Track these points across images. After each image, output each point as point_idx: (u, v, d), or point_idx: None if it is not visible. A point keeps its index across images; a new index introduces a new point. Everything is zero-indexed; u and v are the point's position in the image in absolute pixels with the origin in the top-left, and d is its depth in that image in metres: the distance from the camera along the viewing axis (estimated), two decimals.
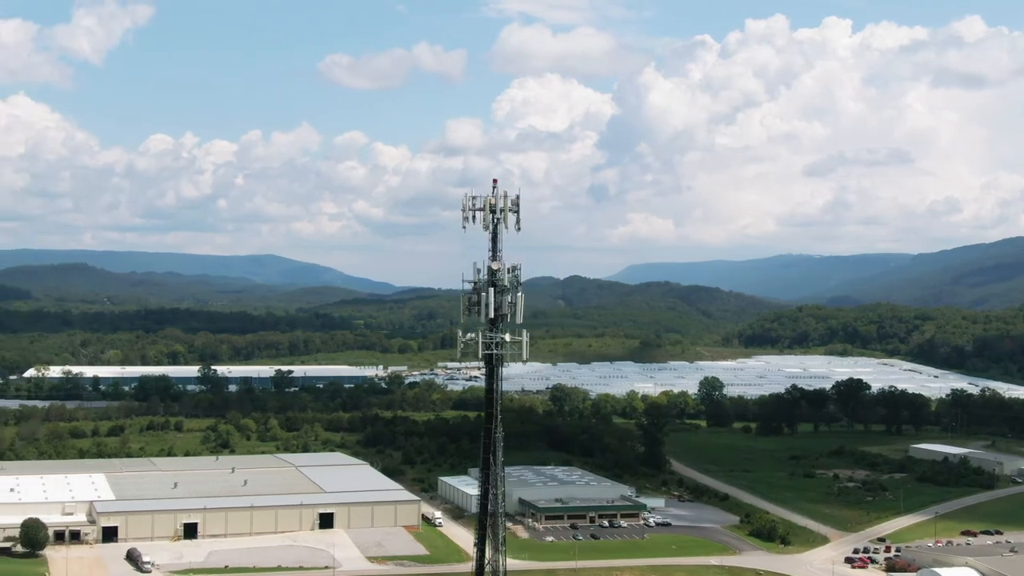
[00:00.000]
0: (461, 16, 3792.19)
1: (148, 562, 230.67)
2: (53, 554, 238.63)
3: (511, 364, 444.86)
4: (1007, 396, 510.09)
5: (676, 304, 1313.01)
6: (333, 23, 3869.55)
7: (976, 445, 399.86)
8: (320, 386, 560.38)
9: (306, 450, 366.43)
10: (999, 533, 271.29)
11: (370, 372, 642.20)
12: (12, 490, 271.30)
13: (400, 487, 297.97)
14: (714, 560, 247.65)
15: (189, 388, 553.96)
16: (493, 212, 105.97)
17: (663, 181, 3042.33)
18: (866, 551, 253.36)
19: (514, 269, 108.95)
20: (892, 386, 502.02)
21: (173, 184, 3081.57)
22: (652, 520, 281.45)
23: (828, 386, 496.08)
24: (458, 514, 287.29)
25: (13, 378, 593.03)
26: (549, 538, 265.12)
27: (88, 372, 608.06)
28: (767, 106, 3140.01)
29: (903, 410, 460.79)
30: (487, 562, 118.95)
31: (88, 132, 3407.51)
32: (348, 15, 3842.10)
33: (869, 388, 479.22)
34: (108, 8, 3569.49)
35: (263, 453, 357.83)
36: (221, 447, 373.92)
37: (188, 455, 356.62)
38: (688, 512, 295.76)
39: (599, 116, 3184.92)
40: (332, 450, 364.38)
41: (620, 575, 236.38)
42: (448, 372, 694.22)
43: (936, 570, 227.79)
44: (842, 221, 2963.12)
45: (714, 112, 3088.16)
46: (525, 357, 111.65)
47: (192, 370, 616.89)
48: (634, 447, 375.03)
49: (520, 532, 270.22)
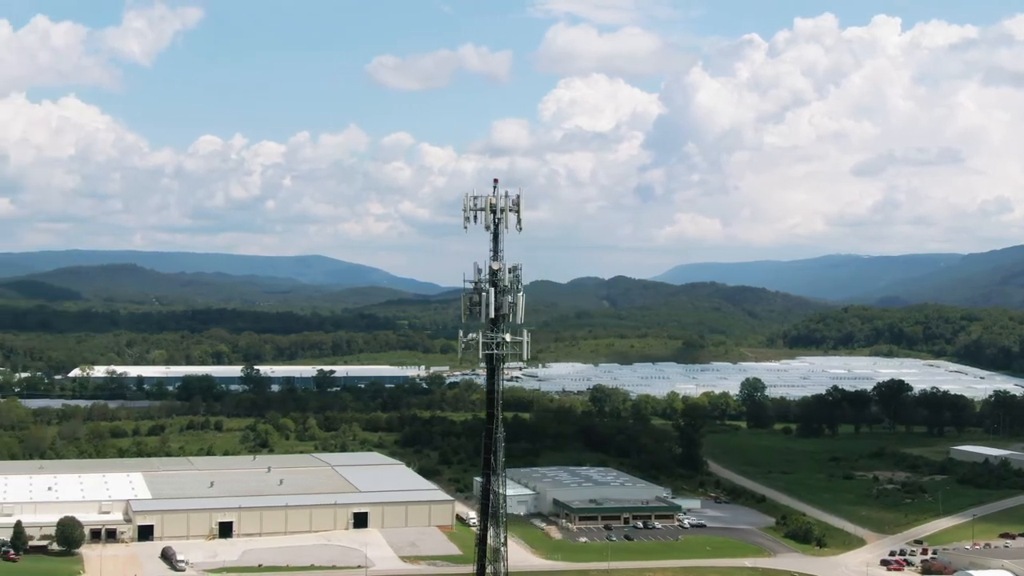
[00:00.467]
0: (507, 17, 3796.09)
1: (182, 560, 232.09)
2: (89, 552, 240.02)
3: (552, 365, 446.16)
4: None
5: (721, 305, 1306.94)
6: (380, 25, 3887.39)
7: (1018, 447, 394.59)
8: (361, 386, 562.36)
9: (344, 450, 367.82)
10: None
11: (412, 372, 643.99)
12: (50, 489, 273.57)
13: (435, 487, 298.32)
14: (748, 562, 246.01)
15: (232, 388, 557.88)
16: (494, 212, 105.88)
17: (710, 181, 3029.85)
18: (902, 553, 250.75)
19: (515, 269, 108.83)
20: (934, 387, 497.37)
21: (222, 185, 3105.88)
22: (687, 521, 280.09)
23: (870, 387, 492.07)
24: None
25: (58, 378, 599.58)
26: (583, 539, 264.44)
27: (132, 372, 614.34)
28: (816, 105, 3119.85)
29: (946, 411, 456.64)
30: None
31: (138, 134, 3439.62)
32: (395, 17, 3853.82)
33: (911, 389, 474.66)
34: (158, 11, 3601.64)
35: (301, 452, 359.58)
36: (260, 446, 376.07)
37: (227, 454, 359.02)
38: (724, 513, 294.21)
39: (646, 116, 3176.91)
40: (370, 450, 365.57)
41: None
42: None
43: (972, 572, 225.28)
44: (891, 221, 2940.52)
45: (762, 111, 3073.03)
46: (525, 357, 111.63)
47: (235, 370, 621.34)
48: (671, 448, 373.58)
49: (554, 533, 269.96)
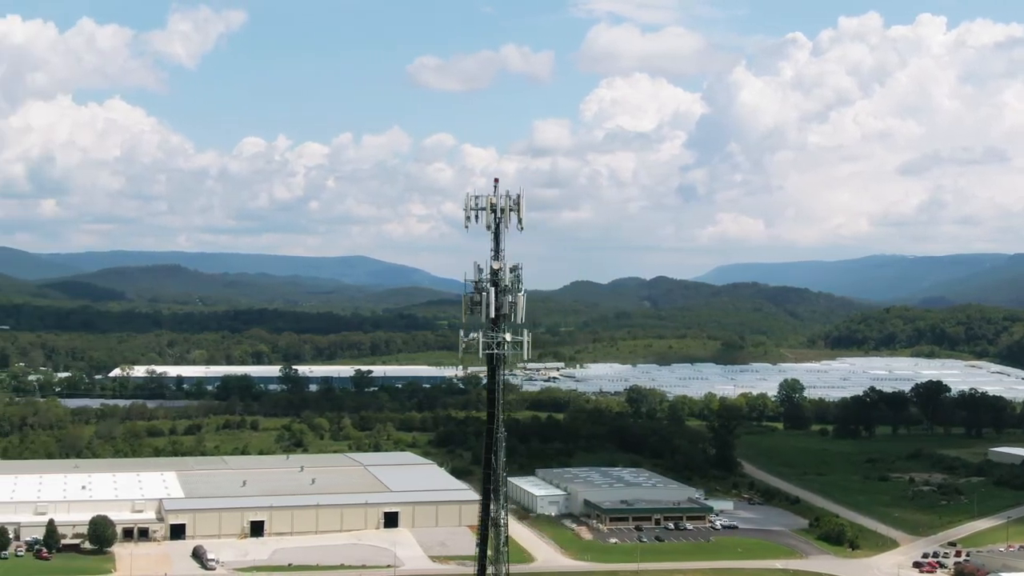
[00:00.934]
0: (549, 17, 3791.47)
1: (212, 559, 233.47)
2: (121, 551, 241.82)
3: (590, 365, 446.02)
4: None
5: (763, 305, 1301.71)
6: (422, 25, 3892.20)
7: None
8: (399, 386, 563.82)
9: (377, 449, 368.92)
10: None
11: (449, 372, 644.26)
12: (84, 488, 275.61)
13: (466, 487, 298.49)
14: (779, 564, 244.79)
15: (270, 388, 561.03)
16: (494, 211, 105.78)
17: (753, 181, 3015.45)
18: (935, 556, 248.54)
19: (515, 269, 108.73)
20: (973, 388, 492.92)
21: (266, 187, 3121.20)
22: (719, 523, 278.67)
23: (909, 388, 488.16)
24: (523, 515, 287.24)
25: (99, 377, 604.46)
26: (613, 540, 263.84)
27: (172, 372, 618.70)
28: (860, 104, 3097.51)
29: (984, 413, 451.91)
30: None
31: (182, 135, 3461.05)
32: (436, 17, 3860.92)
33: (949, 390, 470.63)
34: (202, 13, 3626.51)
35: (335, 452, 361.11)
36: (295, 446, 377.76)
37: (262, 454, 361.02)
38: (757, 515, 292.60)
39: (688, 115, 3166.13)
40: (403, 450, 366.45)
41: None
42: (527, 373, 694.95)
43: (1004, 575, 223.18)
44: (937, 221, 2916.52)
45: (806, 111, 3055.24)
46: (525, 357, 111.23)
47: (274, 370, 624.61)
48: (705, 449, 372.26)
49: (584, 533, 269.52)
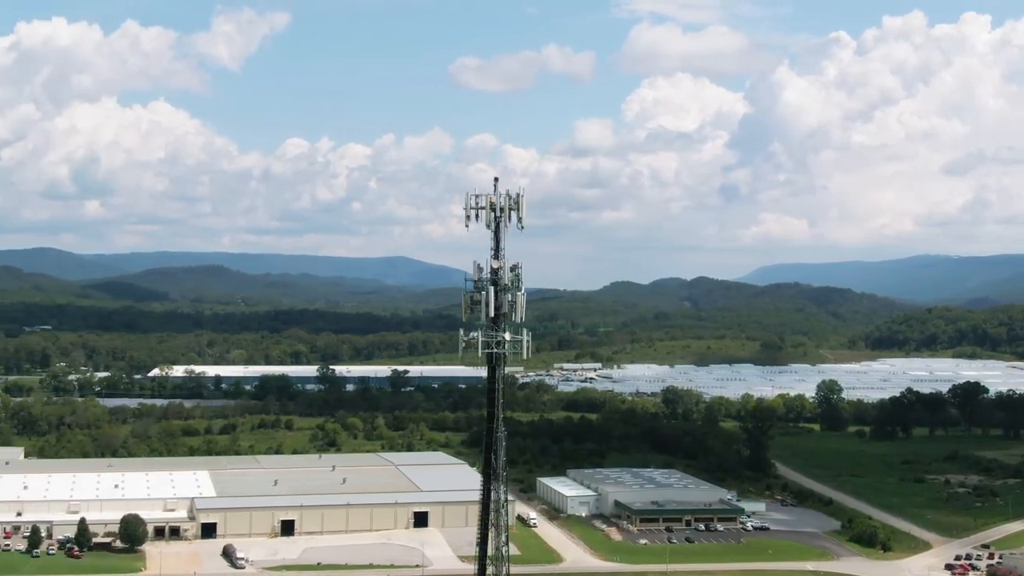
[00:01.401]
0: (591, 17, 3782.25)
1: (242, 558, 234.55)
2: (152, 549, 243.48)
3: (627, 366, 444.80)
4: None
5: (805, 306, 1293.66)
6: (463, 26, 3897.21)
7: None
8: (435, 386, 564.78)
9: (410, 449, 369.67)
10: None
11: (486, 372, 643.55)
12: (116, 486, 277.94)
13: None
14: (810, 565, 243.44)
15: (308, 387, 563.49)
16: (494, 210, 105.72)
17: (796, 180, 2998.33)
18: (968, 558, 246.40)
19: (515, 268, 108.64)
20: (1011, 390, 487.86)
21: (308, 188, 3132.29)
22: (750, 524, 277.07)
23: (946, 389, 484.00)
24: (554, 515, 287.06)
25: (138, 377, 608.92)
26: (643, 541, 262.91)
27: (211, 371, 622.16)
28: (905, 103, 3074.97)
29: (1023, 414, 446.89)
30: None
31: (226, 137, 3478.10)
32: (478, 18, 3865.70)
33: (987, 391, 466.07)
34: (246, 15, 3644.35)
35: (368, 452, 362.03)
36: (328, 445, 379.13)
37: (295, 453, 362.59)
38: (789, 516, 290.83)
39: (731, 115, 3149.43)
40: (436, 449, 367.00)
41: None
42: (563, 373, 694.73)
43: None
44: (982, 220, 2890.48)
45: (850, 110, 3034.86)
46: (525, 356, 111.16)
47: (311, 370, 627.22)
48: (739, 450, 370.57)
49: (614, 534, 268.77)
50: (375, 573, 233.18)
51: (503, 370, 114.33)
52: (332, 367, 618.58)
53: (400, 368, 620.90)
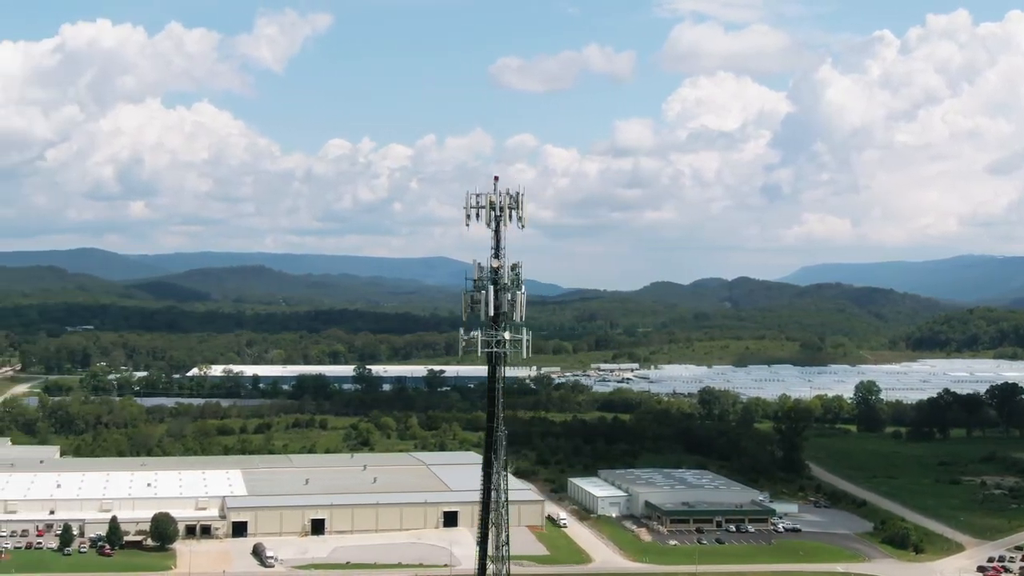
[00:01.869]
0: (632, 17, 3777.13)
1: (271, 557, 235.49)
2: (183, 548, 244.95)
3: (665, 367, 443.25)
4: None
5: (846, 306, 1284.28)
6: (504, 26, 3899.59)
7: None
8: (471, 386, 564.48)
9: (443, 448, 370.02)
10: None
11: (522, 373, 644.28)
12: (149, 485, 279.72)
13: (527, 487, 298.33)
14: (840, 567, 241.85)
15: (345, 387, 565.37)
16: (494, 209, 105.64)
17: (840, 180, 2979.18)
18: (1001, 560, 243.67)
19: (515, 267, 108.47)
20: None
21: (350, 188, 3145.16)
22: (781, 526, 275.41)
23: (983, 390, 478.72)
24: (584, 515, 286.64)
25: (176, 377, 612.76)
26: (673, 542, 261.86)
27: (249, 371, 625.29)
28: (949, 103, 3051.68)
29: None
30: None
31: (269, 138, 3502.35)
32: (518, 18, 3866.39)
33: None
34: (289, 17, 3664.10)
35: (400, 451, 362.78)
36: (361, 444, 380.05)
37: (328, 452, 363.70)
38: (821, 518, 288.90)
39: (773, 114, 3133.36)
40: (468, 449, 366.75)
41: None
42: (600, 373, 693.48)
43: None
44: None
45: (893, 109, 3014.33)
46: (524, 355, 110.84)
47: (349, 369, 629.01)
48: (772, 451, 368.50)
49: (644, 535, 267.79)
50: (404, 572, 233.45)
51: (503, 369, 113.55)
52: (369, 367, 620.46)
53: (436, 368, 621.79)
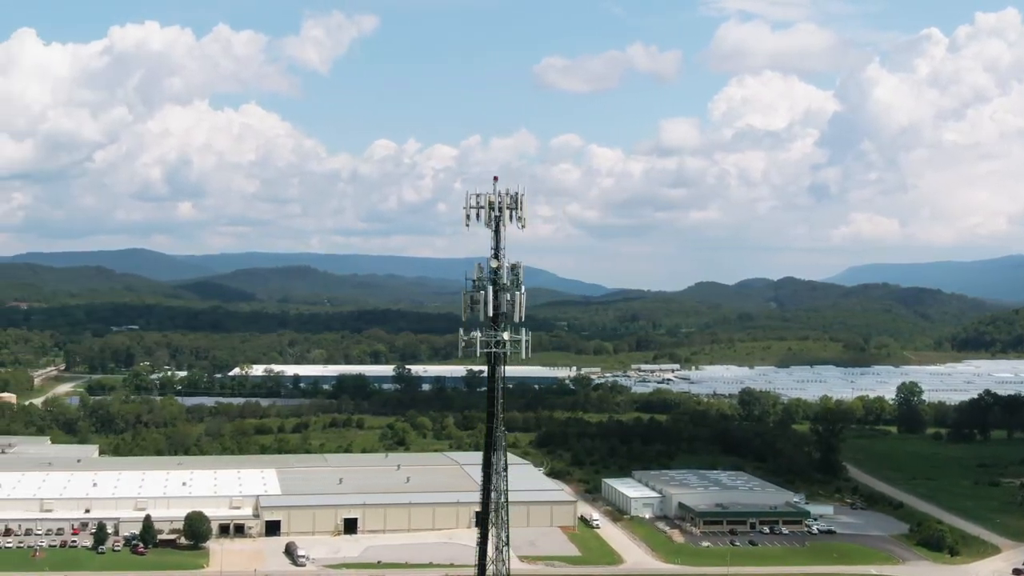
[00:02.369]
0: (677, 16, 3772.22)
1: (303, 556, 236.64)
2: (216, 547, 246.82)
3: (706, 368, 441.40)
4: None
5: (892, 307, 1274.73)
6: (548, 26, 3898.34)
7: None
8: (510, 386, 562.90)
9: (478, 449, 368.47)
10: None
11: (562, 373, 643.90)
12: (184, 484, 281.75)
13: (559, 487, 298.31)
14: (874, 569, 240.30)
15: (384, 387, 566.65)
16: (493, 210, 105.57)
17: (888, 179, 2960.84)
18: None
19: (515, 267, 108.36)
20: None
21: (395, 189, 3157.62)
22: (815, 527, 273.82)
23: None
24: (618, 516, 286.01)
25: (218, 376, 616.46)
26: (705, 543, 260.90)
27: (290, 371, 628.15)
28: (998, 101, 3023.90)
29: None
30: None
31: (315, 139, 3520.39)
32: (563, 18, 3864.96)
33: None
34: (335, 19, 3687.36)
35: (436, 451, 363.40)
36: (397, 444, 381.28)
37: (364, 451, 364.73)
38: (857, 520, 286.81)
39: (820, 113, 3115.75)
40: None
41: None
42: (640, 374, 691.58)
43: None
44: None
45: (942, 108, 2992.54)
46: (524, 356, 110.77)
47: (389, 369, 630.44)
48: (810, 453, 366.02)
49: (676, 536, 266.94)
50: (434, 572, 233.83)
51: (503, 370, 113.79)
52: (409, 367, 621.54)
53: (476, 368, 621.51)
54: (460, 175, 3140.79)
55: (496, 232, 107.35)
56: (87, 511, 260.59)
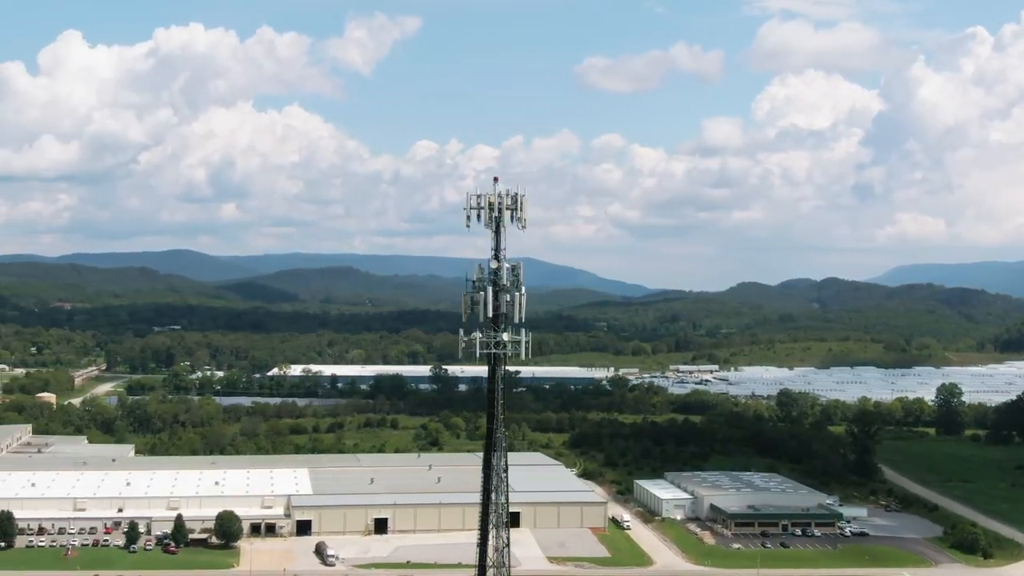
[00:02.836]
0: (720, 15, 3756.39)
1: (333, 555, 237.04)
2: (247, 546, 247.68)
3: (745, 369, 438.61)
4: None
5: (936, 307, 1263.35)
6: (590, 26, 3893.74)
7: None
8: (547, 387, 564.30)
9: (511, 449, 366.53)
10: None
11: (600, 374, 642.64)
12: (217, 483, 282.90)
13: (590, 488, 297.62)
14: (906, 572, 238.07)
15: (421, 387, 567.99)
16: (493, 210, 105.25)
17: (933, 179, 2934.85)
18: None
19: (516, 268, 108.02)
20: None
21: (437, 190, 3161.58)
22: (848, 530, 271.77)
23: None
24: (649, 518, 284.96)
25: (257, 376, 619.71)
26: (736, 545, 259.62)
27: (328, 371, 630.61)
28: None
29: None
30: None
31: (358, 141, 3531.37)
32: (605, 18, 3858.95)
33: None
34: (378, 21, 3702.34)
35: (469, 451, 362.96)
36: (430, 444, 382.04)
37: (397, 451, 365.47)
38: (891, 522, 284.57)
39: (864, 113, 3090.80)
40: (537, 450, 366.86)
41: None
42: (678, 375, 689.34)
43: None
44: None
45: (988, 107, 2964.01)
46: (524, 357, 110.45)
47: (426, 369, 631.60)
48: (845, 455, 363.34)
49: (707, 538, 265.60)
50: (463, 572, 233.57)
51: (503, 370, 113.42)
52: (445, 367, 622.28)
53: (512, 368, 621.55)
54: (501, 175, 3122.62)
55: (496, 233, 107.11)
56: (120, 510, 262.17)
